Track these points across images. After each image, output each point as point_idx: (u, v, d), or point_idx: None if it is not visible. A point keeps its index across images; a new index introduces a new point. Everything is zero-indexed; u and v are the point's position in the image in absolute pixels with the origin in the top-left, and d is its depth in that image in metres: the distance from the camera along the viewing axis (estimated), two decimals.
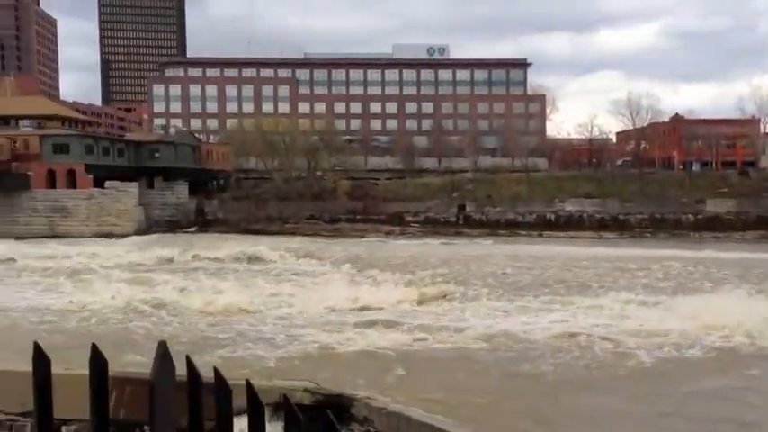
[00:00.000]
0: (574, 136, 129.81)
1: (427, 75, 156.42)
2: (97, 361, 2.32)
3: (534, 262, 49.89)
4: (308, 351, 25.54)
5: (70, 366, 8.98)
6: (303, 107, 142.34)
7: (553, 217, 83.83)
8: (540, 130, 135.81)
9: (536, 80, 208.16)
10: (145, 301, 34.72)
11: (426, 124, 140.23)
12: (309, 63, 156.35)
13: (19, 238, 71.11)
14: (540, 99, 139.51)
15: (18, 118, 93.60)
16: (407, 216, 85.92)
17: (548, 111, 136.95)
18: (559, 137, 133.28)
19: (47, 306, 34.65)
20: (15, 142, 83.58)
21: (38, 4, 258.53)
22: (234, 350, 25.37)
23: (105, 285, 39.68)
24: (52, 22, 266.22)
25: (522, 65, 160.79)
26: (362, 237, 76.36)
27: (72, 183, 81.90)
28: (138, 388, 8.49)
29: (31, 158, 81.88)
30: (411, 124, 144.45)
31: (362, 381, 19.96)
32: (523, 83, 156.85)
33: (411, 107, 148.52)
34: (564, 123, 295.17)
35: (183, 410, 2.25)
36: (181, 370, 2.63)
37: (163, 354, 2.19)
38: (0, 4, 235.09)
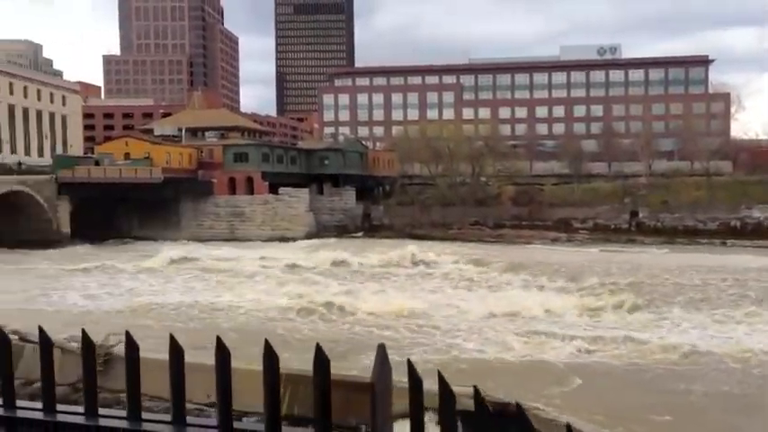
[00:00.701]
0: (763, 137, 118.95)
1: (597, 76, 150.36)
2: (322, 362, 2.39)
3: (716, 272, 46.03)
4: (470, 358, 25.13)
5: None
6: (467, 112, 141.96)
7: (739, 224, 77.26)
8: (724, 131, 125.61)
9: (717, 78, 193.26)
10: (309, 302, 35.90)
11: (595, 127, 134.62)
12: (474, 68, 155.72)
13: (202, 240, 76.73)
14: (724, 98, 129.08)
15: (204, 130, 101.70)
16: (575, 222, 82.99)
17: (732, 110, 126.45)
18: (746, 138, 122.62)
19: (216, 304, 36.63)
20: (201, 152, 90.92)
21: (222, 24, 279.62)
22: (390, 354, 25.40)
23: (273, 286, 41.58)
24: (234, 40, 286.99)
25: (703, 62, 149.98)
26: (527, 243, 74.62)
27: (250, 189, 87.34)
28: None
29: (215, 167, 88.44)
30: (579, 128, 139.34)
31: (527, 391, 19.23)
32: (704, 81, 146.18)
33: (579, 110, 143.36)
34: (751, 123, 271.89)
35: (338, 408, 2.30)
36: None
37: (382, 357, 2.30)
38: (190, 26, 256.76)
